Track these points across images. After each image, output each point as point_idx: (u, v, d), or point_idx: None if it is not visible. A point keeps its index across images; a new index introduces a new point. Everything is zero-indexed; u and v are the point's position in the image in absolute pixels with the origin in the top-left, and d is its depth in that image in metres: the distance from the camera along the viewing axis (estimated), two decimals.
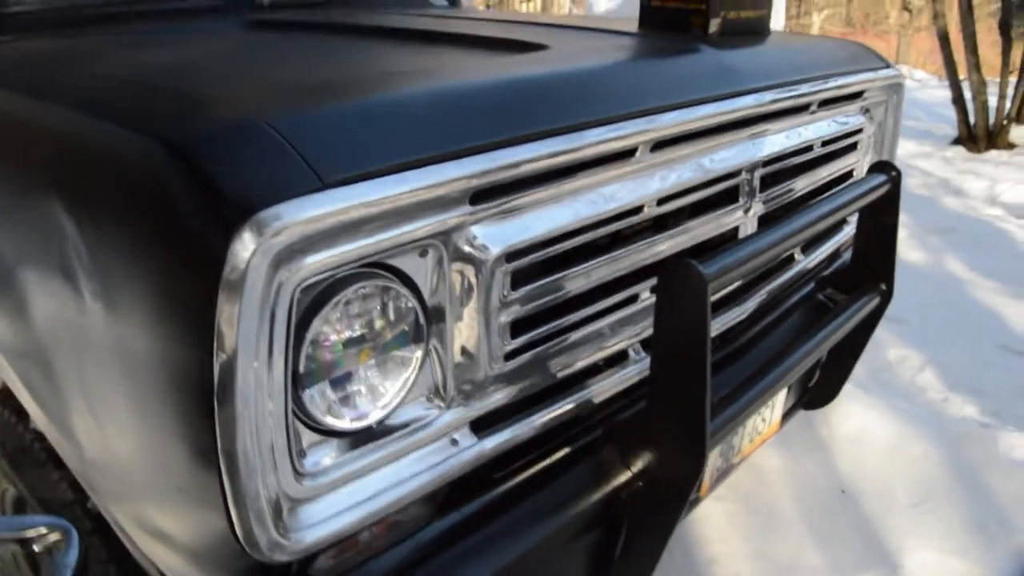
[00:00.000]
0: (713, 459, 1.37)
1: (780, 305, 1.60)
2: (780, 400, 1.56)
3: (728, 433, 1.11)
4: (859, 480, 2.24)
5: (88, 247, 0.81)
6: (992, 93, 6.61)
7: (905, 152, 6.64)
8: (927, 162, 6.22)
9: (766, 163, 1.37)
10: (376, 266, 0.86)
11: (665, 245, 1.16)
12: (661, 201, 1.13)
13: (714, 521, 2.12)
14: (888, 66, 1.92)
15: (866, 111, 1.93)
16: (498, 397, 1.00)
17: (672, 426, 1.04)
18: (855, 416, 2.43)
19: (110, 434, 0.92)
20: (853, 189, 1.44)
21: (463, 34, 1.36)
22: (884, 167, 1.57)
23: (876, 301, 1.61)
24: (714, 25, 1.61)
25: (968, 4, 6.17)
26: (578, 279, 1.03)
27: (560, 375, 1.07)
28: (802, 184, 1.57)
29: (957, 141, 6.70)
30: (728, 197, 1.31)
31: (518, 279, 0.96)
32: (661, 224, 1.18)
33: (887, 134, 2.03)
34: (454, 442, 0.97)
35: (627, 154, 1.07)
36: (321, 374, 0.84)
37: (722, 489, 2.22)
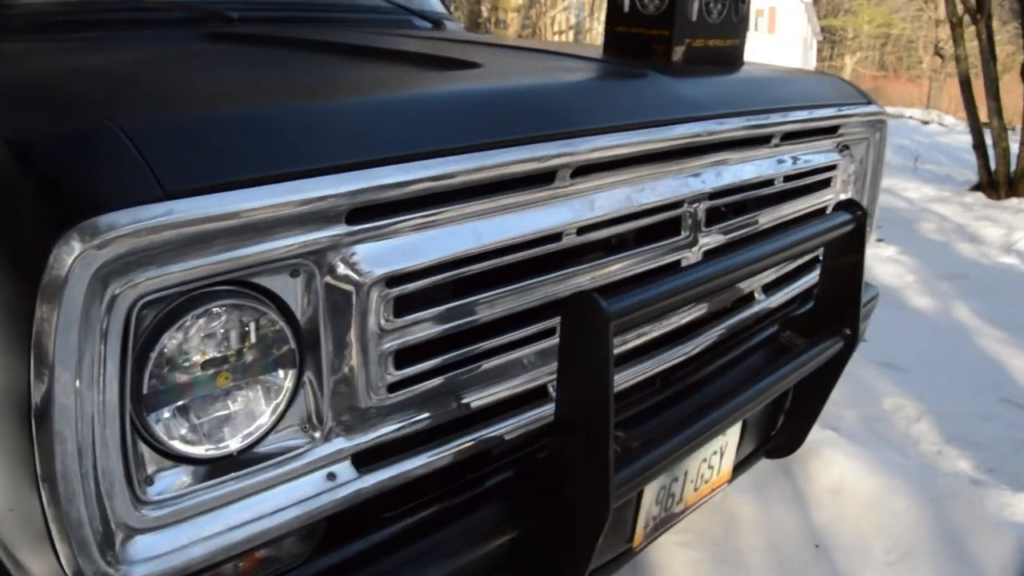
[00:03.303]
0: (648, 507, 1.29)
1: (737, 347, 1.53)
2: (731, 447, 1.47)
3: (644, 481, 1.04)
4: (835, 534, 2.13)
5: None
6: (1015, 140, 6.49)
7: (923, 196, 6.53)
8: (944, 207, 6.09)
9: (714, 195, 1.30)
10: (240, 284, 0.81)
11: (587, 277, 1.09)
12: (583, 230, 1.07)
13: (677, 569, 2.02)
14: (869, 102, 1.85)
15: (845, 148, 1.86)
16: (384, 431, 0.94)
17: (574, 473, 0.97)
18: (835, 465, 2.32)
19: None
20: (806, 228, 1.37)
21: (405, 51, 1.32)
22: (849, 205, 1.49)
23: (839, 346, 1.53)
24: (677, 53, 1.55)
25: (990, 50, 6.08)
26: (480, 309, 0.97)
27: (460, 411, 1.01)
28: (763, 219, 1.50)
29: (977, 187, 6.57)
30: (669, 229, 1.24)
31: (406, 306, 0.90)
32: (586, 254, 1.12)
33: (869, 172, 1.96)
34: (331, 476, 0.90)
35: (544, 178, 1.01)
36: (171, 397, 0.79)
37: (689, 535, 2.13)
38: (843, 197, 1.95)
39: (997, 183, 6.36)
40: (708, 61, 1.59)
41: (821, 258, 1.57)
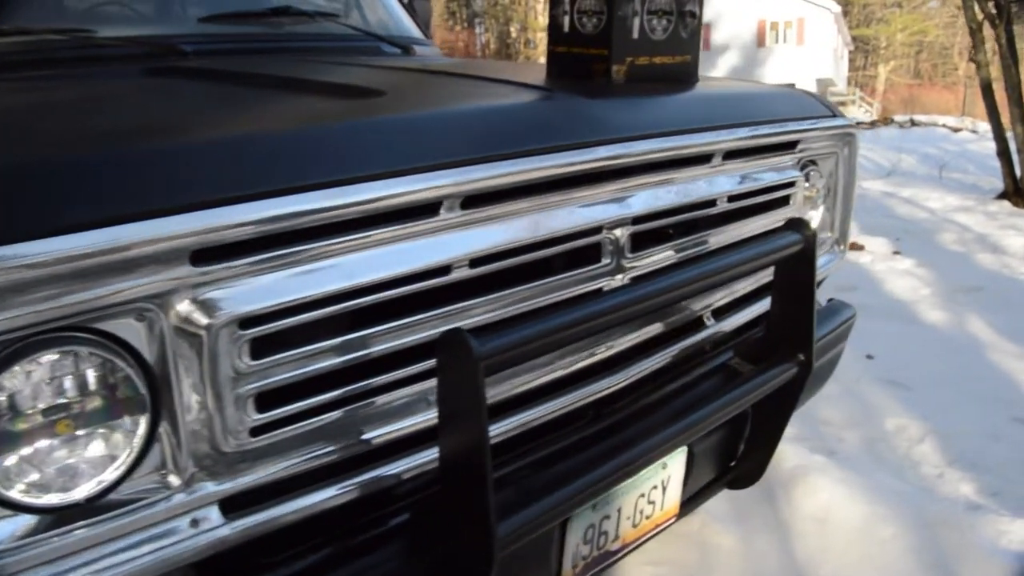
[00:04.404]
0: (575, 547, 1.23)
1: (682, 375, 1.46)
2: (675, 481, 1.40)
3: (537, 528, 0.98)
4: (818, 565, 2.04)
5: None
6: None
7: (945, 206, 6.36)
8: (967, 216, 5.92)
9: (640, 219, 1.25)
10: (81, 329, 0.79)
11: (482, 311, 1.05)
12: (477, 262, 1.03)
13: None
14: (834, 115, 1.79)
15: (810, 164, 1.80)
16: (256, 475, 0.90)
17: (455, 522, 0.92)
18: (822, 492, 2.23)
19: None
20: (743, 250, 1.31)
21: (321, 82, 1.30)
22: (796, 225, 1.43)
23: (792, 372, 1.46)
24: (618, 72, 1.51)
25: (1012, 55, 5.91)
26: (355, 348, 0.93)
27: (344, 453, 0.97)
28: (707, 241, 1.44)
29: (1003, 195, 6.38)
30: (588, 256, 1.20)
31: (267, 347, 0.87)
32: (487, 286, 1.07)
33: (840, 187, 1.89)
34: (194, 522, 0.87)
35: (427, 210, 0.98)
36: (5, 447, 0.77)
37: (662, 568, 2.05)
38: (813, 214, 1.90)
39: (1023, 191, 6.16)
40: (655, 79, 1.55)
41: (773, 282, 1.50)
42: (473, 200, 1.01)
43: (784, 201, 1.66)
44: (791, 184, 1.66)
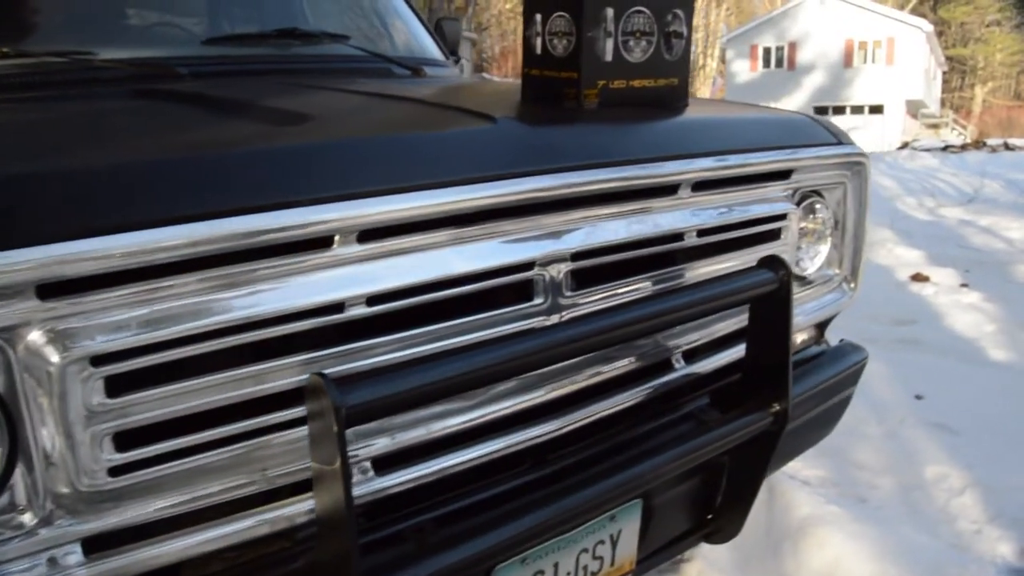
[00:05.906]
0: None
1: (642, 422, 1.37)
2: (628, 535, 1.31)
3: None
4: None
5: None
6: None
7: None
8: None
9: (581, 255, 1.18)
10: None
11: (384, 351, 1.00)
12: (376, 300, 0.98)
13: None
14: (839, 142, 1.67)
15: (813, 194, 1.68)
16: (121, 516, 0.87)
17: None
18: (831, 546, 2.08)
19: None
20: (701, 290, 1.22)
21: (261, 106, 1.27)
22: (770, 263, 1.33)
23: (765, 423, 1.35)
24: (589, 96, 1.45)
25: None
26: (232, 388, 0.89)
27: (230, 494, 0.93)
28: (671, 278, 1.35)
29: None
30: (517, 294, 1.13)
31: (129, 384, 0.84)
32: (398, 324, 1.02)
33: (850, 220, 1.76)
34: (52, 561, 0.85)
35: (316, 244, 0.93)
36: None
37: None
38: (819, 250, 1.78)
39: None
40: (632, 104, 1.47)
41: (748, 325, 1.40)
42: (372, 234, 0.97)
43: (774, 235, 1.55)
44: (781, 217, 1.55)
